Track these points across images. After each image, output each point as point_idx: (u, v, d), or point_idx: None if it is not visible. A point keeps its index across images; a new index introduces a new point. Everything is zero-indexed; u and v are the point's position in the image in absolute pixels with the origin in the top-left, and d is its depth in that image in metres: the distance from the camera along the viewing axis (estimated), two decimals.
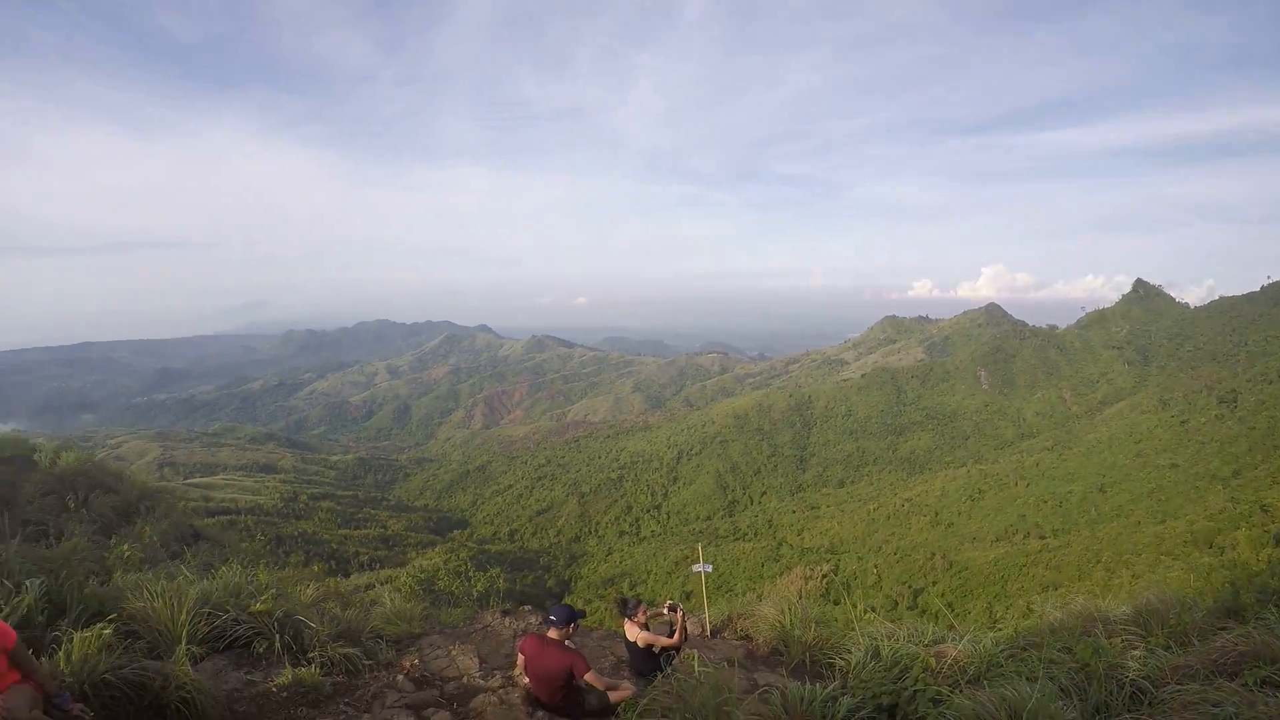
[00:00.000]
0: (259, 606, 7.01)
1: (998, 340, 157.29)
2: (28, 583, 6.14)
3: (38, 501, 13.75)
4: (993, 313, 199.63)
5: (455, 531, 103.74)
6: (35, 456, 16.06)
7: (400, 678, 6.88)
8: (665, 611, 7.31)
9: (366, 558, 78.84)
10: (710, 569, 9.84)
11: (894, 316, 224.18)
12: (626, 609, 7.10)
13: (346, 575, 53.98)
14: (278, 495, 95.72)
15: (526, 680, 6.31)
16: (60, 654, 5.21)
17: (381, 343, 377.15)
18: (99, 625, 5.56)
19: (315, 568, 15.07)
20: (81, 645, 5.25)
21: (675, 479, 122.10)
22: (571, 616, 6.23)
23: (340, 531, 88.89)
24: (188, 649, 5.97)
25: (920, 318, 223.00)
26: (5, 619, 4.75)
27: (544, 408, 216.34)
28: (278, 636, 6.86)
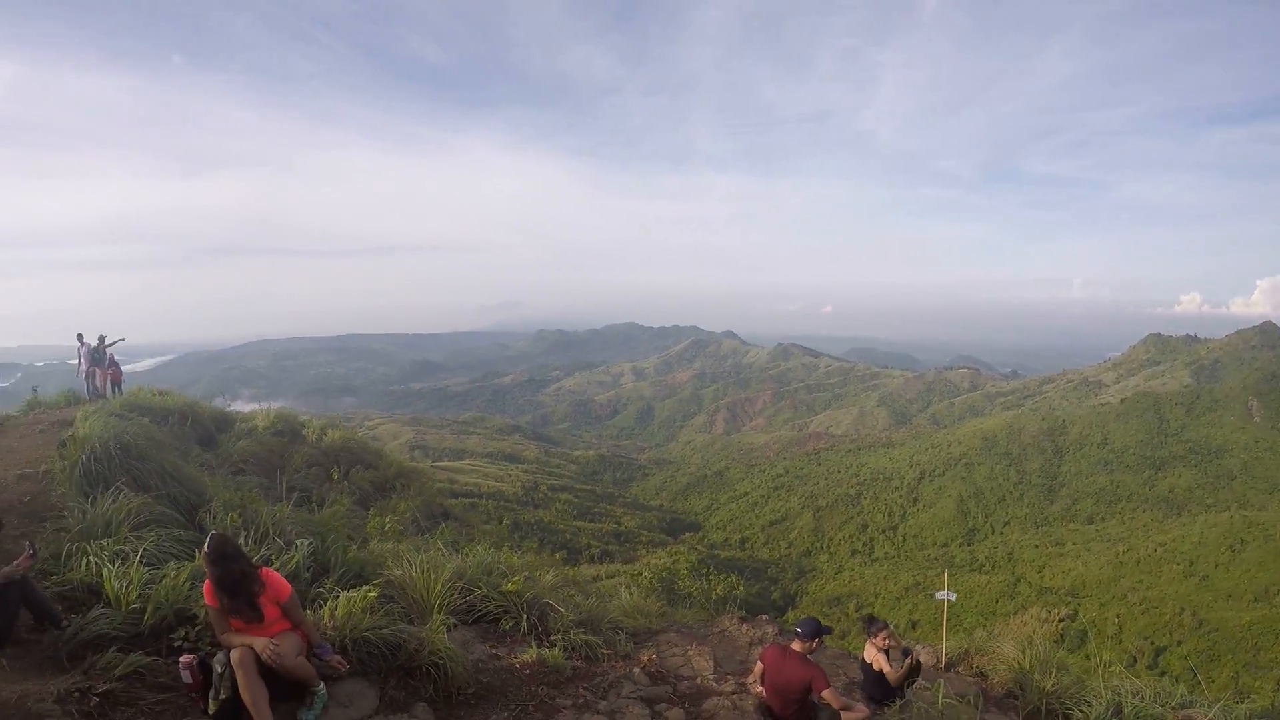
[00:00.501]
0: (510, 586, 7.25)
1: (1274, 365, 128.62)
2: (298, 542, 6.78)
3: (305, 471, 15.55)
4: (1269, 333, 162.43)
5: (687, 534, 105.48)
6: (303, 431, 18.36)
7: (637, 670, 6.85)
8: (900, 652, 6.68)
9: (598, 550, 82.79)
10: (954, 598, 8.90)
11: (1158, 335, 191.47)
12: (871, 628, 6.66)
13: (577, 565, 57.11)
14: (519, 484, 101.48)
15: (761, 689, 6.17)
16: (325, 609, 5.55)
17: (628, 345, 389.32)
18: (365, 588, 5.87)
19: (555, 555, 15.66)
20: (346, 604, 5.54)
21: (915, 500, 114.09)
22: (818, 631, 5.96)
23: (575, 523, 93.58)
24: (441, 618, 6.23)
25: (1187, 336, 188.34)
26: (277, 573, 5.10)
27: (786, 417, 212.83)
28: (525, 616, 7.08)
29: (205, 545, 4.51)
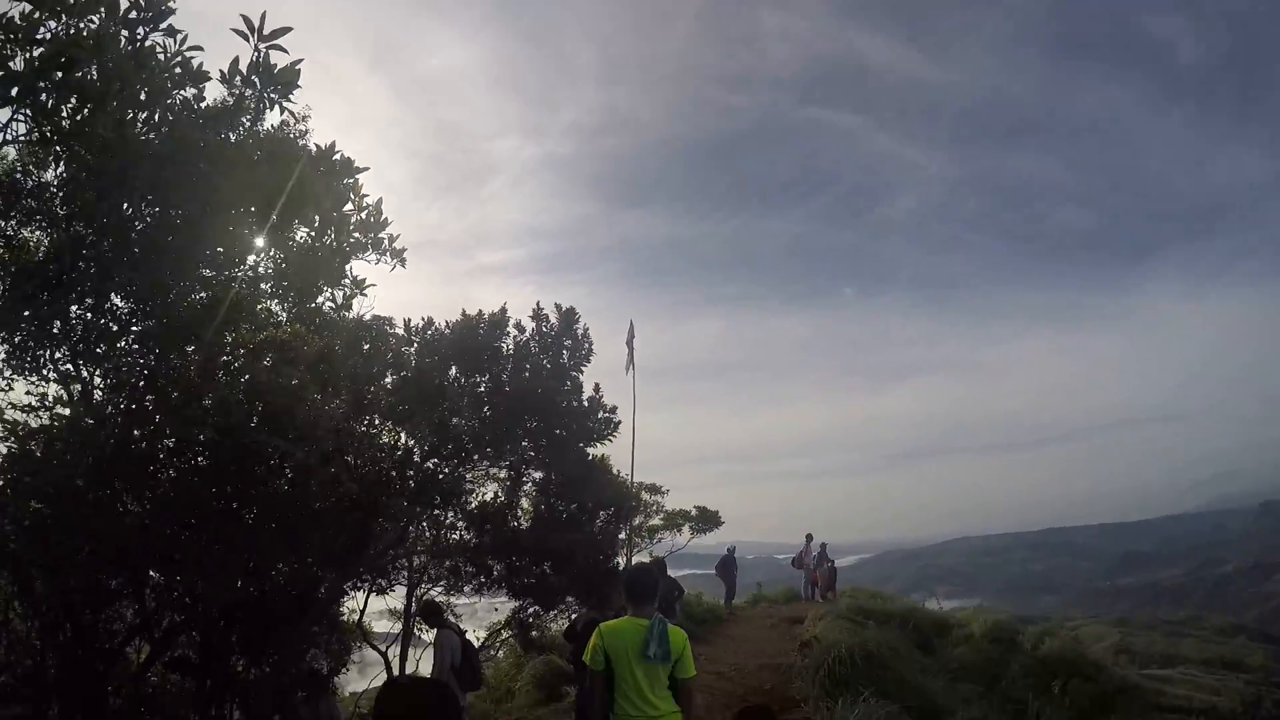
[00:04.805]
0: None
1: None
2: None
3: (1020, 681, 14.14)
4: None
5: None
6: (1019, 638, 16.83)
7: None
8: None
9: None
10: None
11: None
12: None
13: None
14: (1237, 697, 73.99)
15: None
16: None
17: None
18: None
19: None
20: None
21: None
22: None
23: None
24: None
25: None
26: None
27: None
28: None
29: None
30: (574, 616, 7.06)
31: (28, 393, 5.83)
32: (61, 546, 5.32)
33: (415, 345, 8.49)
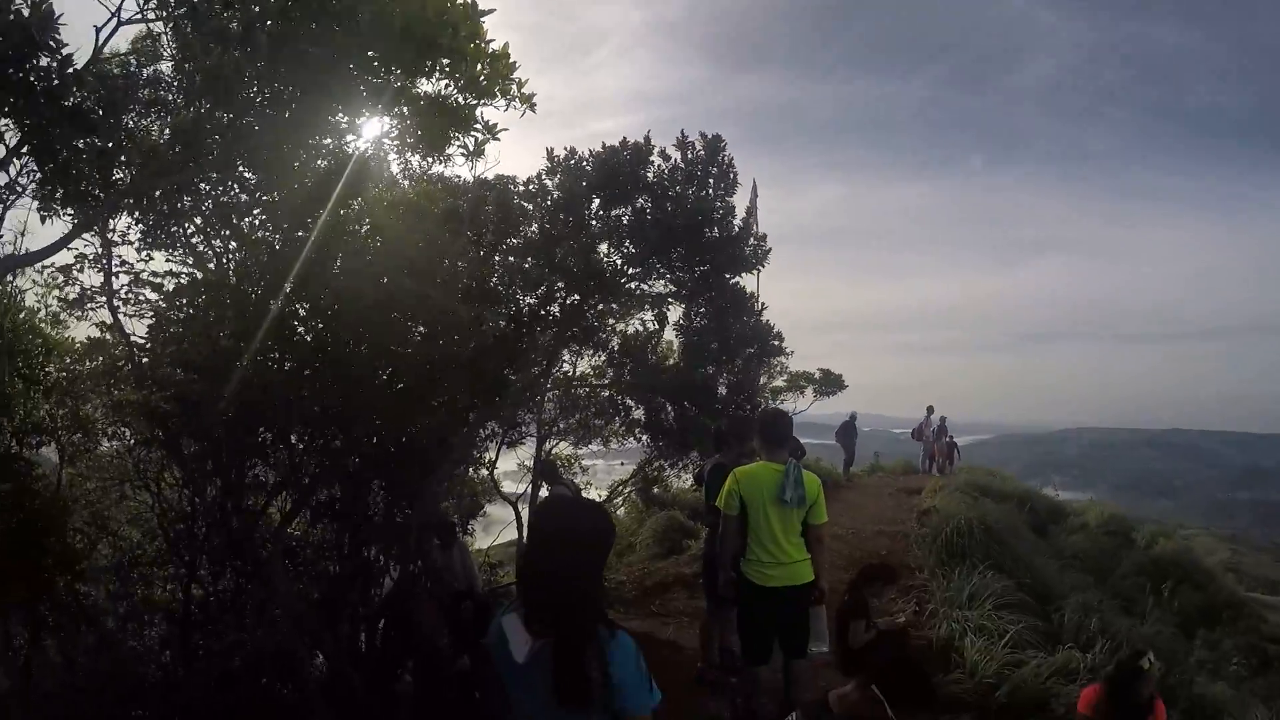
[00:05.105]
0: None
1: None
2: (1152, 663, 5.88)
3: (1130, 579, 14.03)
4: None
5: None
6: (1133, 535, 16.57)
7: None
8: None
9: None
10: None
11: None
12: None
13: None
14: None
15: None
16: None
17: None
18: None
19: None
20: None
21: None
22: None
23: None
24: None
25: None
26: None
27: None
28: None
29: (1129, 663, 4.28)
30: (701, 463, 7.19)
31: (168, 260, 5.99)
32: (208, 408, 5.55)
33: (558, 177, 8.45)
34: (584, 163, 8.35)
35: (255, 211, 5.46)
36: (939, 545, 8.73)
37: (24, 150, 3.54)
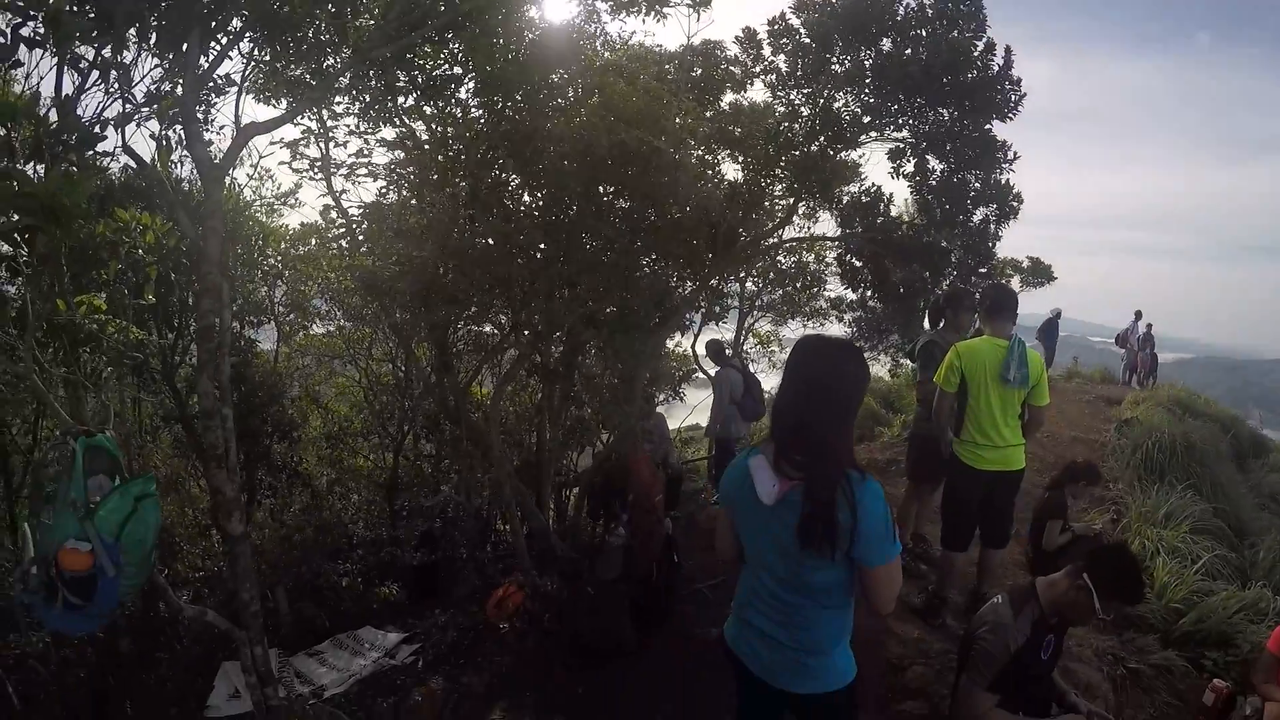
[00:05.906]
0: None
1: None
2: None
3: None
4: None
5: None
6: None
7: None
8: None
9: None
10: None
11: None
12: None
13: None
14: None
15: None
16: None
17: None
18: None
19: None
20: None
21: None
22: None
23: None
24: None
25: None
26: None
27: None
28: None
29: None
30: (910, 342, 7.04)
31: (382, 137, 6.23)
32: (428, 279, 5.75)
33: (805, 14, 8.07)
34: (830, 3, 7.89)
35: (469, 81, 5.46)
36: (1138, 459, 8.37)
37: (247, 35, 3.55)
